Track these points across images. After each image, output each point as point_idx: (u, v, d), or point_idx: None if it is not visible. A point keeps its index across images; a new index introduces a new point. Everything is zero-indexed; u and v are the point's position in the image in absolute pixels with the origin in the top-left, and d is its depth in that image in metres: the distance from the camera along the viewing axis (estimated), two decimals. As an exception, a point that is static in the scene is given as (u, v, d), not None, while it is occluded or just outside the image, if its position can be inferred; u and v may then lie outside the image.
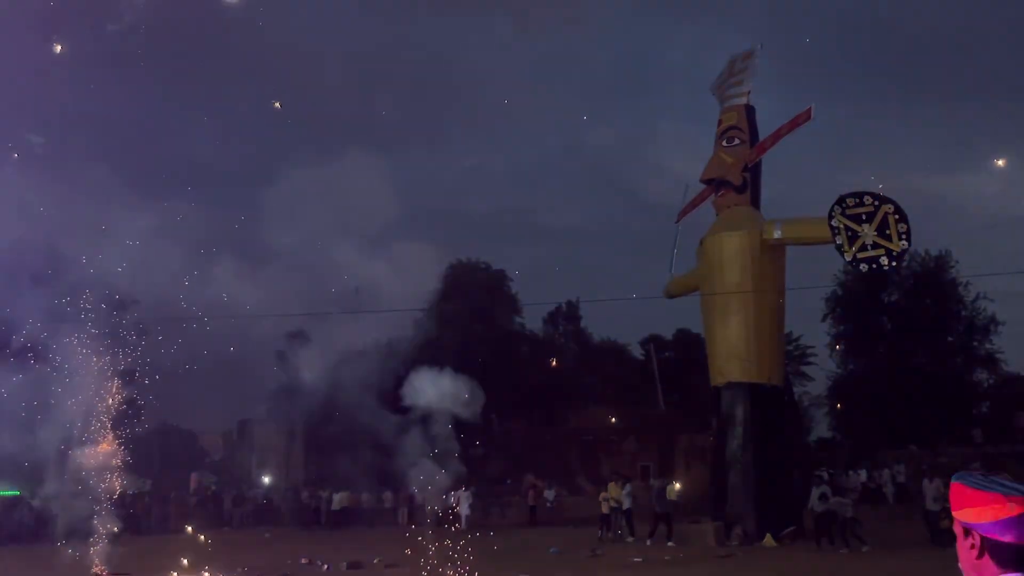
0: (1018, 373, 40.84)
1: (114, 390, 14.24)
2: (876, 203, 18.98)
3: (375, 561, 16.74)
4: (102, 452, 14.09)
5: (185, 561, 16.50)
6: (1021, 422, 39.61)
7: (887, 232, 18.74)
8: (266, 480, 35.32)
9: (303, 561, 17.01)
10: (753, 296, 20.08)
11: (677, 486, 28.78)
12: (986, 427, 39.33)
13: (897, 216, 18.73)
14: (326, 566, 16.25)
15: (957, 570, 1.97)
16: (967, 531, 1.91)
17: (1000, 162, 59.01)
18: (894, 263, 19.28)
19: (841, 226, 19.08)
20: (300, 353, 17.64)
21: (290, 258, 17.32)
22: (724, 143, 21.89)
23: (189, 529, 25.75)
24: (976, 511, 1.87)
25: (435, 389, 16.61)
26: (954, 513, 1.95)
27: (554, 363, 39.80)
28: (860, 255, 19.02)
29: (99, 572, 13.73)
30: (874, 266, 19.10)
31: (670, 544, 19.10)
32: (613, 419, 37.42)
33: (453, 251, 38.80)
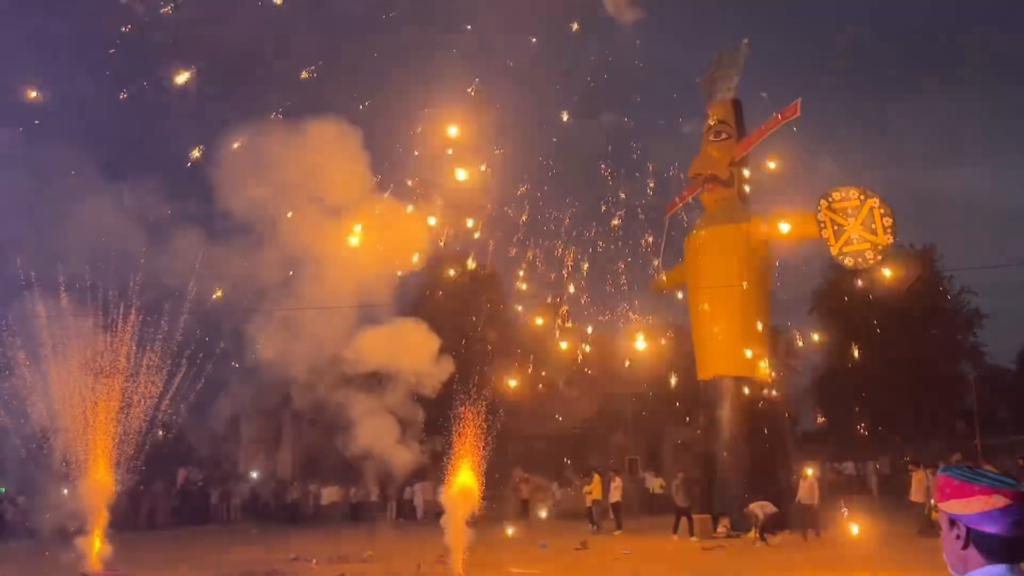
0: (1001, 366, 41.24)
1: (100, 383, 14.13)
2: (862, 197, 19.14)
3: (364, 556, 16.70)
4: (88, 447, 13.99)
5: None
6: (1004, 414, 40.06)
7: (873, 226, 18.88)
8: (253, 475, 35.17)
9: (291, 557, 16.94)
10: (740, 290, 20.17)
11: (659, 480, 28.91)
12: (969, 419, 39.72)
13: (883, 210, 18.88)
14: (314, 561, 16.20)
15: (942, 560, 2.00)
16: (953, 522, 1.93)
17: None
18: (879, 257, 19.40)
19: (827, 220, 19.22)
20: (283, 343, 17.53)
21: (274, 247, 17.20)
22: (711, 137, 21.94)
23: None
24: (962, 502, 1.90)
25: (389, 344, 16.12)
26: (940, 504, 1.98)
27: None
28: (846, 249, 19.17)
29: (87, 570, 13.63)
30: (859, 260, 19.23)
31: (692, 538, 18.56)
32: (600, 413, 37.43)
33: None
